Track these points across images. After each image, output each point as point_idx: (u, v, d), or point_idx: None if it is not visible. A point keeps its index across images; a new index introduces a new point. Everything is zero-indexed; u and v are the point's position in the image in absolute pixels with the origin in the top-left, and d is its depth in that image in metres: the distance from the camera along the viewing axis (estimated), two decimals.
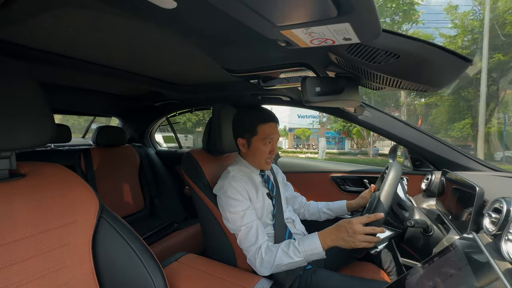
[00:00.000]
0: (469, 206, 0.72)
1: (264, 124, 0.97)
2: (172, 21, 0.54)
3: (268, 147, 0.98)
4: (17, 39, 0.72)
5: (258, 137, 0.97)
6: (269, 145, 0.98)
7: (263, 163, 1.00)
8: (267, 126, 0.97)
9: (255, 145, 0.98)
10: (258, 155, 0.98)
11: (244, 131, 1.00)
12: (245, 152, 1.02)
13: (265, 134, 0.96)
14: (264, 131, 0.96)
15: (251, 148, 0.99)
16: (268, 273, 0.84)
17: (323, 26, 0.42)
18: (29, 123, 0.51)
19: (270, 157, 0.99)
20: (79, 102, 1.76)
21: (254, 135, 0.97)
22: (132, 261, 0.60)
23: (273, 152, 0.99)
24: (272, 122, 0.98)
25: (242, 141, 1.01)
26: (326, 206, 1.22)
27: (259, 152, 0.98)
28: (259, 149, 0.97)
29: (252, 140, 0.98)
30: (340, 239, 0.78)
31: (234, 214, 0.89)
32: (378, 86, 0.72)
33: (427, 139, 1.21)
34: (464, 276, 0.42)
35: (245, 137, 1.00)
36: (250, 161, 1.03)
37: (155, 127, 2.29)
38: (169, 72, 1.13)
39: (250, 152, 1.00)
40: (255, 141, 0.97)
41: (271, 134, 0.97)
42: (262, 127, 0.96)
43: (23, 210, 0.51)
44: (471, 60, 0.51)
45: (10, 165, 0.53)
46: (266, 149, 0.97)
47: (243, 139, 1.00)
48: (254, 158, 1.00)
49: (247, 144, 1.00)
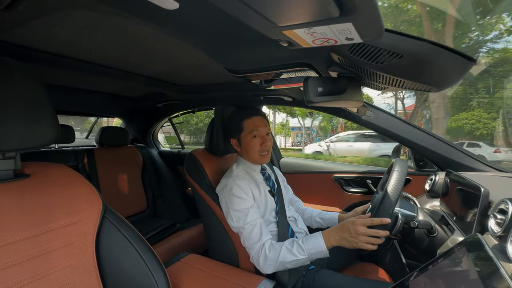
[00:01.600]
0: (473, 207, 0.71)
1: (248, 119, 1.00)
2: (175, 22, 0.54)
3: (257, 140, 0.99)
4: (21, 40, 0.73)
5: (245, 132, 0.99)
6: (257, 138, 0.99)
7: (257, 157, 1.01)
8: (251, 121, 1.00)
9: (245, 141, 1.00)
10: (250, 150, 1.00)
11: (232, 131, 1.03)
12: (240, 151, 1.04)
13: (250, 128, 0.98)
14: (249, 125, 0.99)
15: (242, 146, 1.01)
16: (271, 271, 0.84)
17: (325, 26, 0.42)
18: (34, 124, 0.52)
19: (263, 150, 1.00)
20: (82, 103, 1.78)
21: (241, 132, 1.00)
22: (135, 261, 0.61)
23: (264, 144, 1.00)
24: (256, 116, 1.01)
25: (234, 141, 1.04)
26: (319, 215, 1.19)
27: (249, 147, 0.99)
28: (248, 144, 0.99)
29: (241, 137, 1.00)
30: (343, 239, 0.78)
31: (238, 212, 0.89)
32: (381, 86, 0.72)
33: (430, 139, 1.20)
34: (469, 278, 0.42)
35: (235, 136, 1.02)
36: (247, 158, 1.04)
37: (157, 128, 2.30)
38: (171, 72, 1.13)
39: (243, 149, 1.02)
40: (244, 137, 1.00)
41: (256, 127, 0.98)
42: (247, 122, 0.99)
43: (28, 209, 0.51)
44: (475, 59, 0.51)
45: (15, 165, 0.53)
46: (256, 143, 0.99)
47: (234, 138, 1.03)
48: (248, 154, 1.02)
49: (239, 142, 1.02)
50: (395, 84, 0.64)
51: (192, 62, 0.96)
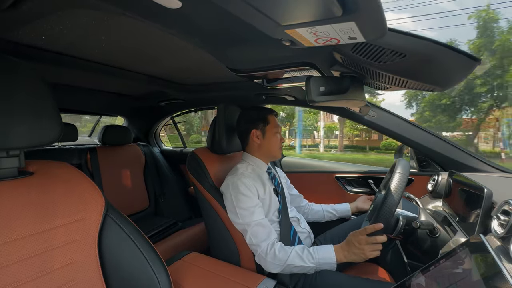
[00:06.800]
0: (476, 208, 0.71)
1: (272, 115, 1.05)
2: (177, 21, 0.54)
3: (278, 137, 1.05)
4: (25, 39, 0.74)
5: (271, 126, 1.03)
6: (278, 135, 1.05)
7: (278, 151, 1.06)
8: (274, 117, 1.06)
9: (270, 134, 1.03)
10: (273, 143, 1.03)
11: (257, 121, 1.04)
12: (259, 143, 1.04)
13: (275, 124, 1.04)
14: (274, 121, 1.05)
15: (266, 138, 1.03)
16: (277, 271, 0.84)
17: (328, 25, 0.42)
18: (38, 122, 0.52)
19: (281, 145, 1.06)
20: (85, 102, 1.79)
21: (267, 124, 1.03)
22: (138, 259, 0.61)
23: (282, 140, 1.06)
24: (275, 114, 1.07)
25: (256, 132, 1.03)
26: (331, 207, 1.26)
27: (273, 140, 1.03)
28: (272, 138, 1.03)
29: (266, 130, 1.03)
30: (351, 253, 0.81)
31: (244, 210, 0.90)
32: (383, 85, 0.71)
33: (433, 139, 1.19)
34: (471, 279, 0.41)
35: (259, 128, 1.03)
36: (263, 152, 1.05)
37: (160, 126, 2.31)
38: (174, 71, 1.14)
39: (265, 141, 1.03)
40: (269, 130, 1.03)
41: (277, 126, 1.05)
42: (272, 118, 1.05)
43: (32, 207, 0.52)
44: (480, 59, 0.50)
45: (19, 163, 0.54)
46: (278, 139, 1.04)
47: (257, 130, 1.03)
48: (270, 146, 1.04)
49: (262, 134, 1.03)
50: (398, 84, 0.64)
51: (195, 61, 0.96)
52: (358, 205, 1.23)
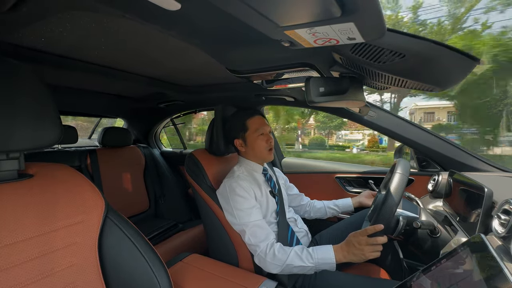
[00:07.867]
0: (477, 208, 0.71)
1: (251, 118, 1.03)
2: (176, 23, 0.54)
3: (263, 138, 1.02)
4: (25, 42, 0.74)
5: (250, 131, 1.01)
6: (263, 136, 1.02)
7: (265, 154, 1.03)
8: (255, 119, 1.03)
9: (251, 140, 1.01)
10: (257, 148, 1.01)
11: (236, 131, 1.04)
12: (245, 151, 1.05)
13: (255, 127, 1.02)
14: (253, 124, 1.02)
15: (248, 145, 1.02)
16: (277, 271, 0.84)
17: (327, 26, 0.42)
18: (38, 124, 0.52)
19: (268, 146, 1.03)
20: (84, 104, 1.79)
21: (247, 131, 1.02)
22: (138, 261, 0.61)
23: (270, 141, 1.03)
24: (257, 115, 1.05)
25: (238, 142, 1.04)
26: (333, 202, 1.26)
27: (256, 145, 1.01)
28: (255, 142, 1.01)
29: (246, 136, 1.02)
30: (351, 254, 0.80)
31: (241, 211, 0.90)
32: (383, 85, 0.72)
33: (433, 139, 1.19)
34: (472, 279, 0.41)
35: (239, 136, 1.03)
36: (252, 158, 1.05)
37: (159, 128, 2.31)
38: (173, 73, 1.14)
39: (249, 148, 1.03)
40: (249, 136, 1.01)
41: (261, 126, 1.02)
42: (250, 121, 1.02)
43: (32, 209, 0.52)
44: (479, 59, 0.50)
45: (19, 165, 0.54)
46: (262, 141, 1.01)
47: (238, 139, 1.04)
48: (255, 152, 1.02)
49: (244, 142, 1.03)
50: (397, 84, 0.64)
51: (194, 63, 0.96)
52: (361, 200, 1.21)
